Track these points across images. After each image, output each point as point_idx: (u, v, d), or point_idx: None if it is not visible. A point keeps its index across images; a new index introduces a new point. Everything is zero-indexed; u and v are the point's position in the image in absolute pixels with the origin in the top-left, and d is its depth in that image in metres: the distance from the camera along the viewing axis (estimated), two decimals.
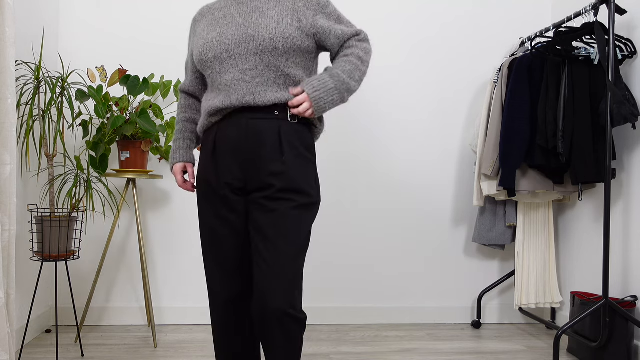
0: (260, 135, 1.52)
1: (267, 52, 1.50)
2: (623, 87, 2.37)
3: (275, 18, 1.52)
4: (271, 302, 1.44)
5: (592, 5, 2.39)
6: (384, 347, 2.61)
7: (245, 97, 1.51)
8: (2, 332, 1.88)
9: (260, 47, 1.50)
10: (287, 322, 1.46)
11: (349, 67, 1.55)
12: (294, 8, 1.56)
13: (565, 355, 2.56)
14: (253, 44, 1.50)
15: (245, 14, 1.55)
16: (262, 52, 1.50)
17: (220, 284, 1.60)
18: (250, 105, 1.51)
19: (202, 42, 1.57)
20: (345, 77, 1.54)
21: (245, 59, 1.51)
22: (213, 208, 1.58)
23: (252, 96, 1.51)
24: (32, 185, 2.61)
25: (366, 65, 1.60)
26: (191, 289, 2.97)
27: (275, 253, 1.47)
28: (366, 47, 1.60)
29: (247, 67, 1.51)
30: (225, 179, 1.55)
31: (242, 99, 1.51)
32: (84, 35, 2.91)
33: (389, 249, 3.10)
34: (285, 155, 1.51)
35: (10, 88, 1.96)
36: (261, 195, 1.52)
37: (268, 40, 1.49)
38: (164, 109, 2.94)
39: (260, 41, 1.50)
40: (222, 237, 1.58)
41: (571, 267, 2.92)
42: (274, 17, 1.52)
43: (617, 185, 2.56)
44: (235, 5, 1.60)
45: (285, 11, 1.54)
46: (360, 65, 1.57)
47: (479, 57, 3.15)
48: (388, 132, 3.10)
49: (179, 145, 1.73)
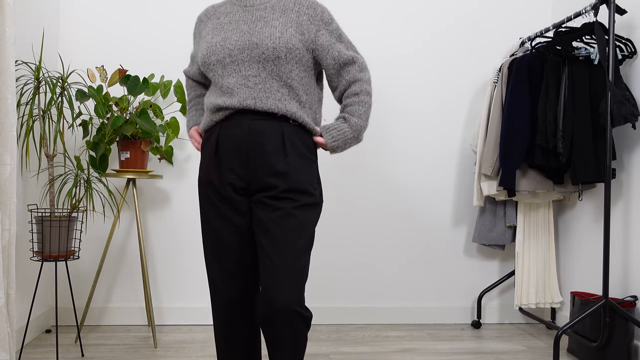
0: (263, 135, 1.53)
1: (270, 61, 1.53)
2: (623, 87, 2.37)
3: (279, 28, 1.55)
4: (279, 300, 1.45)
5: (592, 5, 2.39)
6: (384, 347, 2.61)
7: (246, 100, 1.53)
8: (2, 332, 1.88)
9: (264, 55, 1.52)
10: (294, 319, 1.47)
11: (363, 110, 1.62)
12: (298, 20, 1.58)
13: (565, 355, 2.56)
14: (256, 51, 1.53)
15: (250, 21, 1.58)
16: (265, 60, 1.53)
17: (223, 284, 1.61)
18: (251, 109, 1.53)
19: (206, 46, 1.60)
20: (362, 122, 1.61)
21: (248, 65, 1.54)
22: (215, 208, 1.59)
23: (253, 101, 1.53)
24: (32, 185, 2.61)
25: (371, 95, 1.68)
26: (191, 289, 2.97)
27: (282, 251, 1.48)
28: (369, 78, 1.66)
29: (250, 74, 1.54)
30: (228, 179, 1.56)
31: (244, 102, 1.53)
32: (84, 35, 2.91)
33: (389, 248, 3.10)
34: (289, 156, 1.53)
35: (10, 88, 1.96)
36: (265, 195, 1.53)
37: (271, 49, 1.52)
38: (164, 109, 2.94)
39: (263, 49, 1.52)
40: (225, 237, 1.58)
41: (571, 267, 2.92)
42: (277, 27, 1.55)
43: (617, 185, 2.56)
44: (241, 12, 1.62)
45: (289, 22, 1.57)
46: (370, 100, 1.64)
47: (479, 57, 3.15)
48: (388, 132, 3.10)
49: (193, 114, 1.81)
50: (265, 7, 1.60)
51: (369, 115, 1.63)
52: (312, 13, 1.60)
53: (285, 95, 1.56)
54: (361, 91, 1.62)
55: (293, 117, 1.56)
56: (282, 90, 1.55)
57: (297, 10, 1.59)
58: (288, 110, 1.55)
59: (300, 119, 1.57)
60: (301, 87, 1.59)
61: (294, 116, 1.56)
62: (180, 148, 2.95)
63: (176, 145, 2.95)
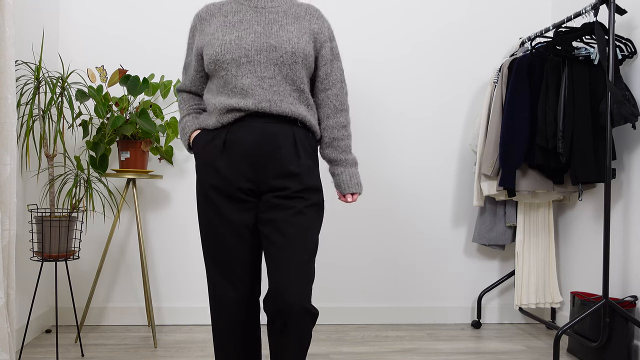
0: (277, 138, 1.55)
1: (287, 65, 1.54)
2: (623, 87, 2.37)
3: (296, 33, 1.58)
4: (290, 297, 1.45)
5: (592, 5, 2.39)
6: (384, 347, 2.61)
7: (261, 102, 1.53)
8: (2, 332, 1.88)
9: (282, 58, 1.54)
10: (305, 316, 1.48)
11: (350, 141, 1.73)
12: (310, 29, 1.63)
13: (565, 355, 2.56)
14: (274, 54, 1.54)
15: (263, 23, 1.58)
16: (282, 63, 1.54)
17: (223, 286, 1.61)
18: (265, 112, 1.54)
19: (219, 43, 1.56)
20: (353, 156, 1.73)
21: (264, 67, 1.54)
22: (217, 210, 1.57)
23: (268, 103, 1.54)
24: (32, 185, 2.61)
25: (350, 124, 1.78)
26: (191, 289, 2.97)
27: (294, 248, 1.49)
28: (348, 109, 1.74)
29: (265, 75, 1.54)
30: (238, 182, 1.55)
31: (258, 104, 1.53)
32: (84, 36, 2.91)
33: (389, 249, 3.09)
34: (301, 159, 1.57)
35: (10, 88, 1.96)
36: (275, 195, 1.54)
37: (290, 53, 1.54)
38: (164, 109, 2.94)
39: (282, 52, 1.54)
40: (227, 239, 1.58)
41: (571, 267, 2.92)
42: (294, 32, 1.57)
43: (617, 185, 2.56)
44: (251, 12, 1.61)
45: (303, 29, 1.60)
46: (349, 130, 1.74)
47: (479, 57, 3.15)
48: (388, 132, 3.10)
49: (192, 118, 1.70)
50: (277, 11, 1.61)
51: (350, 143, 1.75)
52: (322, 25, 1.66)
53: (297, 99, 1.59)
54: (348, 123, 1.71)
55: (303, 120, 1.59)
56: (294, 94, 1.58)
57: (309, 19, 1.64)
58: (300, 114, 1.57)
59: (308, 122, 1.61)
60: (309, 92, 1.63)
61: (304, 119, 1.59)
62: (180, 148, 2.95)
63: (176, 145, 2.95)
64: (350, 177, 1.69)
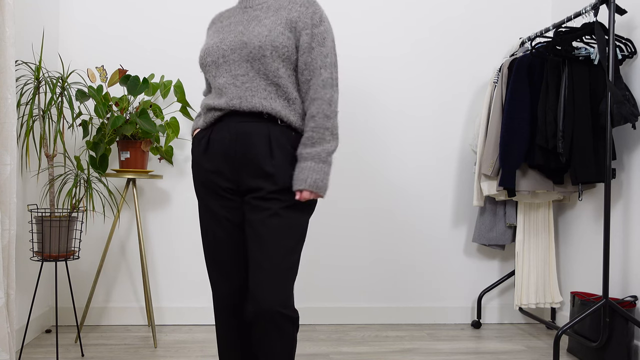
0: (250, 137, 1.54)
1: (257, 59, 1.53)
2: (623, 87, 2.37)
3: (269, 26, 1.55)
4: (263, 302, 1.45)
5: (592, 5, 2.39)
6: (384, 347, 2.61)
7: (232, 100, 1.54)
8: (2, 332, 1.88)
9: (251, 54, 1.53)
10: (279, 321, 1.47)
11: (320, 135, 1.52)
12: (289, 17, 1.56)
13: (565, 355, 2.56)
14: (245, 50, 1.54)
15: (245, 22, 1.60)
16: (252, 58, 1.53)
17: (220, 284, 1.64)
18: (237, 110, 1.54)
19: (204, 48, 1.63)
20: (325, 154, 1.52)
21: (238, 65, 1.55)
22: (206, 206, 1.62)
23: (239, 100, 1.53)
24: (32, 185, 2.61)
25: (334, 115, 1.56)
26: (191, 289, 2.97)
27: (267, 252, 1.48)
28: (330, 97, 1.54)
29: (238, 73, 1.55)
30: (220, 182, 1.58)
31: (230, 102, 1.54)
32: (84, 36, 2.91)
33: (389, 248, 3.09)
34: (275, 158, 1.52)
35: (10, 88, 1.96)
36: (253, 196, 1.54)
37: (257, 47, 1.52)
38: (164, 109, 2.94)
39: (250, 48, 1.53)
40: (219, 237, 1.61)
41: (571, 267, 2.92)
42: (267, 25, 1.55)
43: (617, 185, 2.56)
44: (240, 14, 1.64)
45: (279, 20, 1.56)
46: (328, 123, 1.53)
47: (479, 57, 3.15)
48: (387, 132, 3.10)
49: (196, 120, 1.72)
50: (261, 7, 1.62)
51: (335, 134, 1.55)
52: (304, 11, 1.56)
53: (272, 93, 1.55)
54: (317, 113, 1.53)
55: (278, 116, 1.54)
56: (268, 89, 1.54)
57: (290, 8, 1.58)
58: (273, 109, 1.53)
59: (285, 118, 1.54)
60: (290, 85, 1.56)
61: (279, 115, 1.53)
62: (180, 148, 2.95)
63: (176, 145, 2.95)
64: (300, 171, 1.50)
